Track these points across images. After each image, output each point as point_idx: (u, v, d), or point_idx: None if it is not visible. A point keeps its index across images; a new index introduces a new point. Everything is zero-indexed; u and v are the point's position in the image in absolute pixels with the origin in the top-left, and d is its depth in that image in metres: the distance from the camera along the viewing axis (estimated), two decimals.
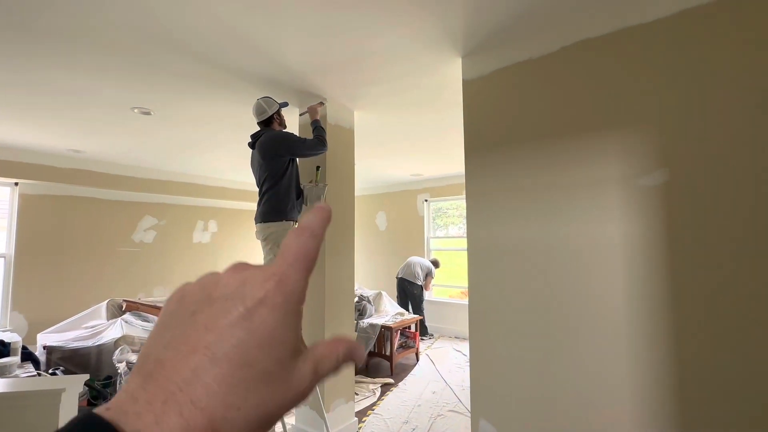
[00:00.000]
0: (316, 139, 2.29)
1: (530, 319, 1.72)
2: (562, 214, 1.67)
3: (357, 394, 3.32)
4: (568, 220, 1.66)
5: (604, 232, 1.57)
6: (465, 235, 5.84)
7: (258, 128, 2.33)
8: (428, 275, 5.30)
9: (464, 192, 5.75)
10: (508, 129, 1.84)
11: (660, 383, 1.42)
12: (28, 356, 3.16)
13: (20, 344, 3.15)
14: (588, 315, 1.58)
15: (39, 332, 3.80)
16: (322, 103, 2.58)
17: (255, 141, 2.26)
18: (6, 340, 3.11)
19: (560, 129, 1.69)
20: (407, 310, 5.19)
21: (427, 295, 5.43)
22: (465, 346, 4.86)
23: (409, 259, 5.39)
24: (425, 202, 6.00)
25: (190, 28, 1.75)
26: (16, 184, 4.18)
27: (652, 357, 1.44)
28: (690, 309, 1.38)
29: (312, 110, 2.47)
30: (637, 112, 1.51)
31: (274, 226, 2.17)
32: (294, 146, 2.22)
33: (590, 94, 1.62)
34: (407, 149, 4.03)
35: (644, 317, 1.46)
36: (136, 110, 2.80)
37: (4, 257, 4.14)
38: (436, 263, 5.47)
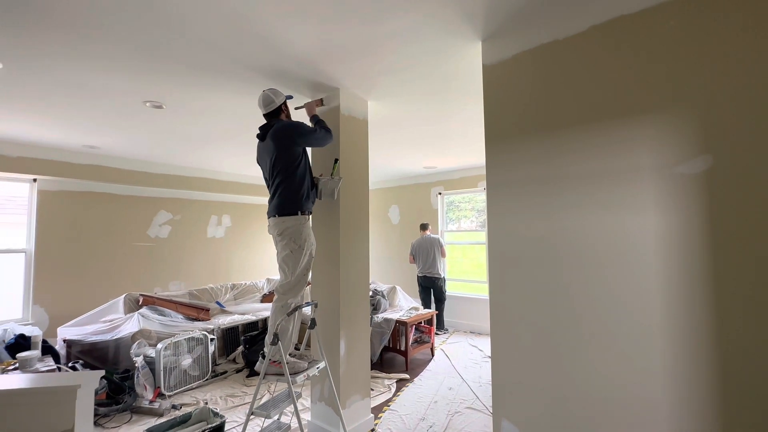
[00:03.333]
0: (325, 129, 2.27)
1: (557, 315, 1.63)
2: (591, 205, 1.57)
3: (372, 390, 3.28)
4: (597, 211, 1.55)
5: (637, 224, 1.46)
6: (477, 228, 5.77)
7: (264, 121, 2.28)
8: (442, 247, 5.23)
9: (478, 185, 5.62)
10: (532, 116, 1.74)
11: (700, 386, 1.32)
12: (48, 350, 3.21)
13: (40, 338, 3.20)
14: (620, 312, 1.48)
15: (59, 326, 3.88)
16: (321, 101, 2.56)
17: (265, 132, 2.20)
18: (27, 334, 3.17)
19: (588, 114, 1.58)
20: (429, 307, 5.12)
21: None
22: (481, 342, 4.79)
23: (416, 249, 5.26)
24: (439, 196, 5.90)
25: (200, 18, 1.69)
26: (35, 180, 4.24)
27: (691, 357, 1.34)
28: (735, 307, 1.27)
29: (309, 106, 2.47)
30: (676, 93, 1.39)
31: (290, 221, 2.11)
32: (308, 135, 2.19)
33: (622, 76, 1.51)
34: (422, 140, 3.93)
35: (682, 314, 1.36)
36: (148, 104, 2.78)
37: (25, 252, 4.22)
38: (428, 227, 5.39)
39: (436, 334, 5.19)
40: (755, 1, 1.27)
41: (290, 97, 2.34)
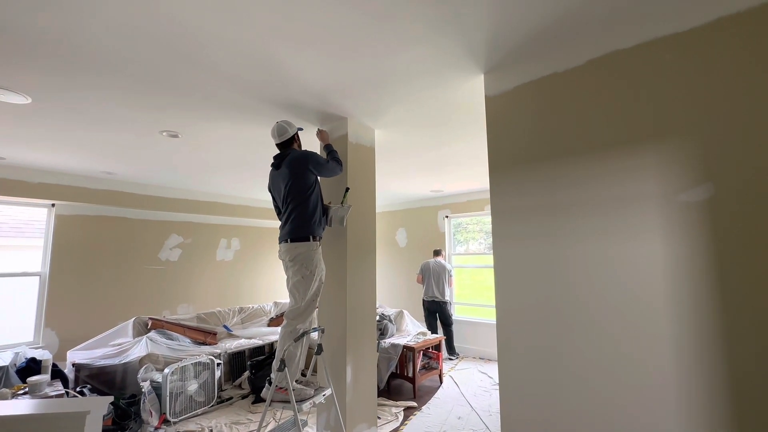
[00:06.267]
0: (337, 161, 2.37)
1: (566, 343, 1.62)
2: (596, 233, 1.58)
3: (379, 418, 3.21)
4: (602, 238, 1.56)
5: (643, 251, 1.47)
6: (486, 251, 5.75)
7: (277, 151, 2.36)
8: (450, 276, 5.22)
9: (485, 208, 5.63)
10: (535, 145, 1.79)
11: (712, 415, 1.29)
12: (57, 374, 3.23)
13: (50, 362, 3.22)
14: (630, 339, 1.47)
15: (69, 349, 3.90)
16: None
17: (280, 161, 2.28)
18: (38, 358, 3.20)
19: (591, 144, 1.62)
20: (436, 332, 5.05)
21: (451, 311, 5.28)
22: (490, 368, 4.68)
23: (426, 271, 5.25)
24: (446, 219, 5.92)
25: (217, 55, 1.80)
26: (53, 205, 4.38)
27: (704, 382, 1.31)
28: (744, 332, 1.26)
29: (324, 135, 2.58)
30: (675, 123, 1.43)
31: (302, 246, 2.15)
32: (321, 165, 2.27)
33: (622, 107, 1.55)
34: (428, 166, 4.00)
35: (692, 343, 1.34)
36: (164, 134, 2.90)
37: (40, 275, 4.31)
38: (441, 252, 5.42)
39: (449, 359, 5.10)
40: (745, 40, 1.32)
41: (301, 129, 2.43)
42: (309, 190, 2.20)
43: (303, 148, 2.42)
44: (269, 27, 1.59)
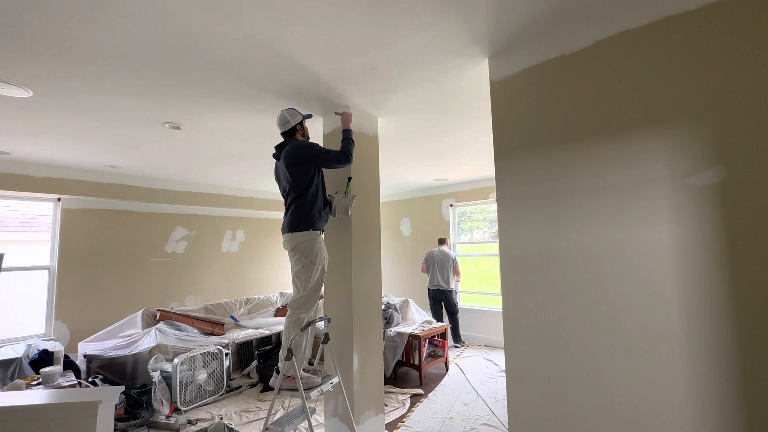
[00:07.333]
0: (342, 152, 2.23)
1: (573, 330, 1.61)
2: (603, 218, 1.56)
3: (386, 405, 3.25)
4: (610, 223, 1.54)
5: (651, 236, 1.45)
6: (490, 239, 5.73)
7: (282, 140, 2.34)
8: (456, 264, 5.21)
9: (489, 196, 5.60)
10: (541, 130, 1.75)
11: (723, 402, 1.28)
12: (69, 365, 3.29)
13: (62, 353, 3.28)
14: (638, 324, 1.46)
15: (80, 341, 3.97)
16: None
17: (279, 152, 2.27)
18: (50, 349, 3.26)
19: (598, 128, 1.59)
20: (441, 320, 5.08)
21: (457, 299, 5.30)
22: (496, 355, 4.71)
23: (431, 260, 5.26)
24: (450, 207, 5.90)
25: (218, 45, 1.77)
26: (59, 199, 4.41)
27: (713, 367, 1.30)
28: (758, 319, 1.25)
29: (346, 117, 2.40)
30: (686, 105, 1.40)
31: (301, 236, 2.15)
32: (319, 156, 2.21)
33: (630, 89, 1.52)
34: (432, 154, 3.97)
35: (702, 327, 1.33)
36: (167, 125, 2.89)
37: (49, 269, 4.37)
38: (445, 241, 5.41)
39: (455, 346, 5.14)
40: (760, 17, 1.28)
41: (309, 116, 2.39)
42: (308, 181, 2.18)
43: (308, 138, 2.39)
44: (270, 13, 1.56)
